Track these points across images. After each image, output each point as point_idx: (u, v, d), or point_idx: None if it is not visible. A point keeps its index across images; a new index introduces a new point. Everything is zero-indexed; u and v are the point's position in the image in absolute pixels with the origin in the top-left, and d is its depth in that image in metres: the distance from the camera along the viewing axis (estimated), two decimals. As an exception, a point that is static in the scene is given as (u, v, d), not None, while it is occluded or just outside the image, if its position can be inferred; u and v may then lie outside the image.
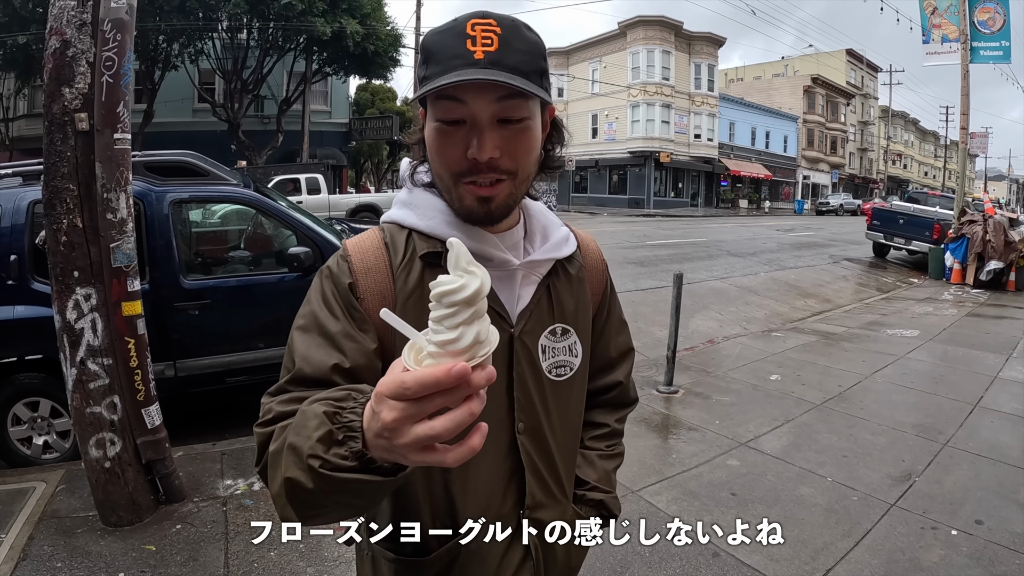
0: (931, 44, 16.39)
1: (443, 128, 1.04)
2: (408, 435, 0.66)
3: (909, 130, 78.25)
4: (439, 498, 1.14)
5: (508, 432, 1.16)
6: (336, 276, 1.11)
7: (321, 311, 1.08)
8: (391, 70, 27.26)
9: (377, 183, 42.55)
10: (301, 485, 0.80)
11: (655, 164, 43.56)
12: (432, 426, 0.66)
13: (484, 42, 0.99)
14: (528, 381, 1.17)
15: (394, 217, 1.20)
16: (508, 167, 1.05)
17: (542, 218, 1.26)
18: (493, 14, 1.02)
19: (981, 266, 13.18)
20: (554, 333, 1.20)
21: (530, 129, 1.06)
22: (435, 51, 1.03)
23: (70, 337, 3.46)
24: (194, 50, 23.44)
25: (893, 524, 3.66)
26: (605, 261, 1.40)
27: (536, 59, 1.04)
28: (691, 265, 13.98)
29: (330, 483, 0.76)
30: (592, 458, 1.38)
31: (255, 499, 3.87)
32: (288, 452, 0.82)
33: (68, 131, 3.40)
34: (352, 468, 0.75)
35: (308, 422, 0.81)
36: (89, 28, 3.40)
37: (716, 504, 3.88)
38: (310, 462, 0.77)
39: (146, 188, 4.67)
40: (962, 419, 5.32)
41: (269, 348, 5.05)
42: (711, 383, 6.22)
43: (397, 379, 0.66)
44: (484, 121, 1.01)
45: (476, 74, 0.96)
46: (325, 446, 0.76)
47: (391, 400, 0.67)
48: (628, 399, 1.47)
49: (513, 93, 1.00)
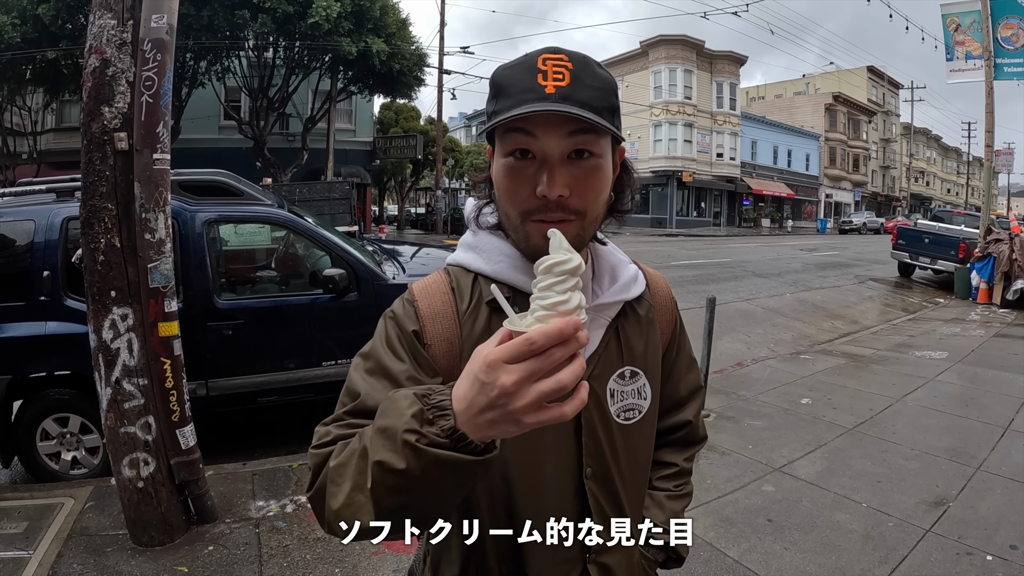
0: (955, 61, 16.27)
1: (512, 164, 1.01)
2: (530, 394, 0.70)
3: (931, 147, 77.79)
4: (505, 542, 1.11)
5: (575, 477, 1.13)
6: (401, 321, 1.10)
7: (386, 355, 1.06)
8: (415, 89, 27.32)
9: (400, 202, 42.73)
10: (391, 467, 0.79)
11: (677, 183, 43.55)
12: (559, 378, 0.70)
13: (556, 76, 0.96)
14: (596, 426, 1.13)
15: (460, 260, 1.17)
16: (577, 207, 1.01)
17: (611, 258, 1.21)
18: (564, 50, 0.99)
19: (1008, 285, 12.99)
20: (623, 376, 1.17)
21: (601, 168, 1.02)
22: (505, 85, 1.00)
23: (106, 357, 3.47)
24: (221, 68, 23.70)
25: (929, 550, 3.60)
26: (674, 298, 1.36)
27: (608, 95, 1.01)
28: (717, 286, 13.90)
29: (424, 460, 0.77)
30: (660, 499, 1.34)
31: (288, 521, 3.85)
32: (376, 436, 0.82)
33: (107, 150, 3.43)
34: (446, 446, 0.76)
35: (398, 404, 0.82)
36: (129, 47, 3.43)
37: (753, 531, 3.83)
38: (406, 437, 0.77)
39: (180, 207, 4.70)
40: (994, 442, 5.23)
41: (301, 369, 5.06)
42: (742, 407, 6.15)
43: (520, 339, 0.70)
44: (555, 157, 0.98)
45: (548, 106, 0.93)
46: (419, 423, 0.77)
47: (510, 364, 0.70)
48: (697, 438, 1.43)
49: (585, 128, 0.96)
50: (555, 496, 1.11)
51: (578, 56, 1.00)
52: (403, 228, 38.78)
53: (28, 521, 3.81)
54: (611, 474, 1.16)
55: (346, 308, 5.08)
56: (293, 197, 16.71)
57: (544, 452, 1.09)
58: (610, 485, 1.16)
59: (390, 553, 3.46)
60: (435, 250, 7.38)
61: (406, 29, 24.88)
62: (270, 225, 5.44)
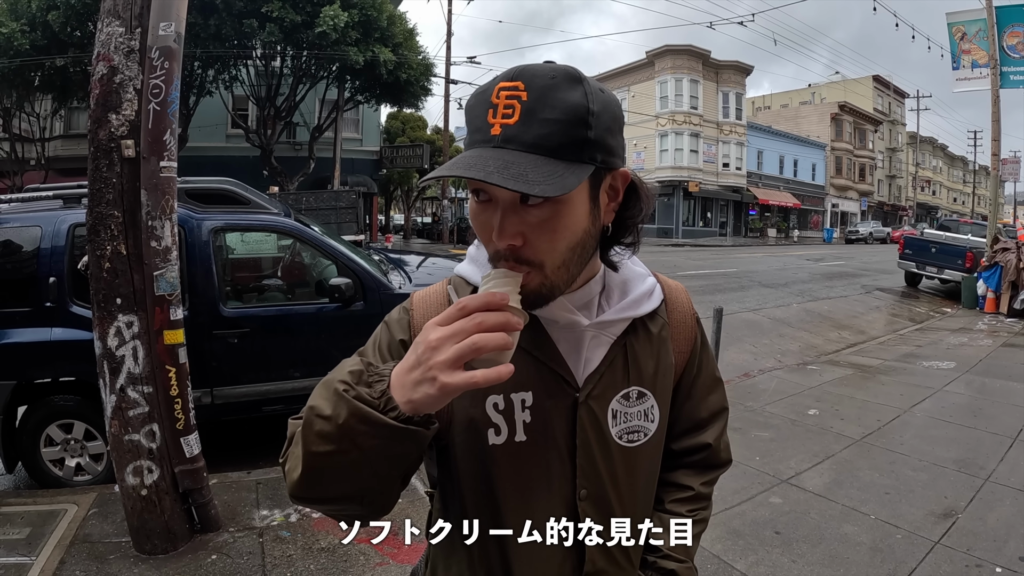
0: (961, 70, 16.23)
1: (475, 206, 0.95)
2: (449, 351, 0.75)
3: (937, 156, 77.70)
4: (495, 559, 1.09)
5: (568, 498, 1.08)
6: (393, 329, 1.11)
7: (374, 357, 1.08)
8: (422, 99, 27.31)
9: (406, 211, 42.84)
10: (320, 412, 0.83)
11: (684, 193, 43.60)
12: (474, 340, 0.75)
13: (505, 113, 0.86)
14: (593, 448, 1.08)
15: (462, 272, 1.15)
16: (529, 257, 0.90)
17: (625, 271, 1.13)
18: (527, 72, 0.87)
19: (1015, 295, 12.94)
20: (628, 397, 1.11)
21: (559, 214, 0.89)
22: (468, 120, 0.93)
23: (111, 364, 3.47)
24: (228, 77, 23.75)
25: (938, 562, 3.57)
26: (696, 314, 1.28)
27: (571, 128, 0.86)
28: (723, 296, 13.85)
29: (348, 410, 0.80)
30: (669, 523, 1.25)
31: (292, 531, 3.83)
32: (317, 388, 0.87)
33: (114, 157, 3.43)
34: (374, 406, 0.80)
35: (344, 364, 0.88)
36: (137, 55, 3.44)
37: (761, 543, 3.79)
38: (337, 386, 0.82)
39: (186, 215, 4.70)
40: (1003, 453, 5.19)
41: (306, 378, 5.04)
42: (749, 418, 6.11)
43: (454, 304, 0.79)
44: (505, 203, 0.89)
45: (472, 163, 0.84)
46: (355, 379, 0.83)
47: (441, 326, 0.78)
48: (718, 461, 1.32)
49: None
50: (545, 515, 1.07)
51: (540, 80, 0.87)
52: (409, 238, 38.90)
53: (31, 527, 3.80)
54: (607, 497, 1.11)
55: (352, 317, 5.07)
56: (300, 206, 16.77)
57: (535, 469, 1.06)
58: (606, 508, 1.11)
59: (395, 564, 3.44)
60: (441, 260, 7.37)
61: (413, 39, 24.94)
62: (276, 234, 5.45)
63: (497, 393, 1.04)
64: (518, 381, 0.99)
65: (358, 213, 19.59)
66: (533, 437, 1.05)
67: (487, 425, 1.04)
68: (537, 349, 1.05)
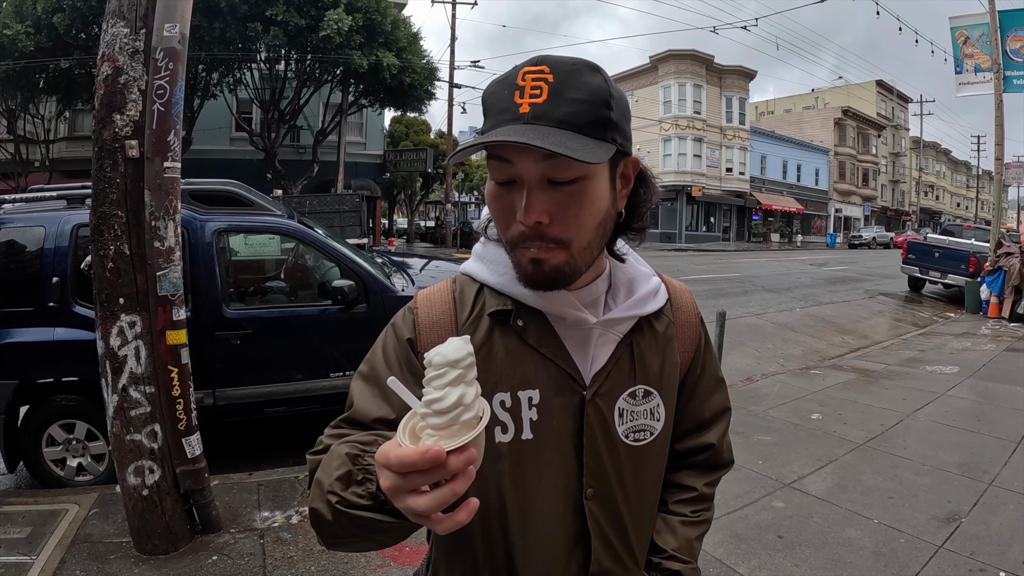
0: (964, 74, 16.16)
1: (495, 189, 0.97)
2: (401, 502, 0.73)
3: (941, 161, 77.72)
4: (499, 558, 1.08)
5: (575, 497, 1.08)
6: (398, 330, 1.11)
7: (380, 362, 1.08)
8: (426, 103, 27.33)
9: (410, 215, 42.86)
10: (322, 517, 0.87)
11: (687, 198, 43.59)
12: (417, 502, 0.71)
13: (533, 93, 0.89)
14: (600, 446, 1.08)
15: (468, 270, 1.15)
16: (557, 235, 0.93)
17: (630, 269, 1.15)
18: (550, 59, 0.92)
19: (1019, 299, 12.91)
20: (634, 396, 1.11)
21: (586, 191, 0.92)
22: (489, 104, 0.95)
23: (113, 364, 3.47)
24: (233, 80, 23.83)
25: (941, 567, 3.55)
26: (700, 314, 1.28)
27: (596, 108, 0.90)
28: (726, 301, 13.82)
29: (345, 518, 0.84)
30: (674, 524, 1.25)
31: (293, 532, 3.82)
32: (314, 486, 0.90)
33: (118, 158, 3.43)
34: (367, 507, 0.82)
35: (333, 461, 0.88)
36: (141, 56, 3.44)
37: (763, 547, 3.78)
38: (329, 497, 0.85)
39: (190, 216, 4.70)
40: (1006, 457, 5.17)
41: (308, 380, 5.04)
42: (752, 422, 6.09)
43: (383, 454, 0.73)
44: (532, 181, 0.91)
45: (510, 134, 0.86)
46: (344, 484, 0.84)
47: (385, 469, 0.73)
48: (721, 462, 1.32)
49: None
50: (552, 514, 1.07)
51: (564, 65, 0.91)
52: (412, 241, 38.89)
53: (32, 526, 3.80)
54: (614, 496, 1.10)
55: (355, 319, 5.06)
56: (303, 209, 16.80)
57: (542, 467, 1.06)
58: (613, 507, 1.11)
59: (396, 566, 3.43)
60: (444, 263, 7.38)
61: (417, 43, 25.01)
62: (280, 236, 5.44)
63: (504, 391, 1.04)
64: (525, 378, 1.01)
65: (361, 217, 19.57)
66: (540, 435, 1.05)
67: (494, 423, 1.03)
68: (544, 346, 1.05)
